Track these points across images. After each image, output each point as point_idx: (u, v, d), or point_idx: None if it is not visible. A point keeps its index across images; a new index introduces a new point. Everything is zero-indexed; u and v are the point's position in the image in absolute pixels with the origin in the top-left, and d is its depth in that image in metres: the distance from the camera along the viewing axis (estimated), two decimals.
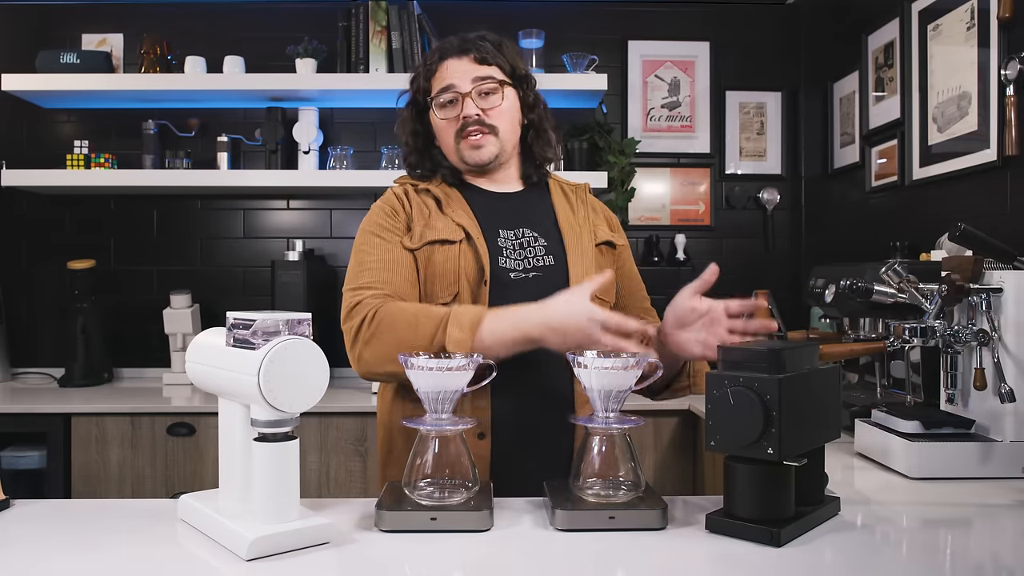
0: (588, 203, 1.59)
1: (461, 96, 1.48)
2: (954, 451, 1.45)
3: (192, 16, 3.17)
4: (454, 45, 1.51)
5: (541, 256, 1.48)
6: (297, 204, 3.21)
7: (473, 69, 1.49)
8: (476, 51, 1.49)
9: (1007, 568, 1.08)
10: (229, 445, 1.16)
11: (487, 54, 1.50)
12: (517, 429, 1.42)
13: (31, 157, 3.08)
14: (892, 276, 1.56)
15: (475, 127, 1.47)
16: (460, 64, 1.49)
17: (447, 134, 1.51)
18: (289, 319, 1.08)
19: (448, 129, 1.50)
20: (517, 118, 1.54)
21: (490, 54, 1.50)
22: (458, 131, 1.49)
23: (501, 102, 1.49)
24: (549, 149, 1.57)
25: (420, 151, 1.56)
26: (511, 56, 1.53)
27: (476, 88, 1.48)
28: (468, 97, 1.47)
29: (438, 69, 1.51)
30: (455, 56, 1.50)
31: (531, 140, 1.56)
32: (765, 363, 1.09)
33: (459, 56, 1.50)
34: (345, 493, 2.51)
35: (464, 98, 1.47)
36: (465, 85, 1.48)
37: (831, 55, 3.04)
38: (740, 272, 3.25)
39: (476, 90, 1.48)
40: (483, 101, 1.48)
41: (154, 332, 3.04)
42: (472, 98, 1.48)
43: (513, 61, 1.53)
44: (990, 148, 2.06)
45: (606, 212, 1.63)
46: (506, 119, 1.50)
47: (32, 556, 1.05)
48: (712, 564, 1.05)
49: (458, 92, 1.48)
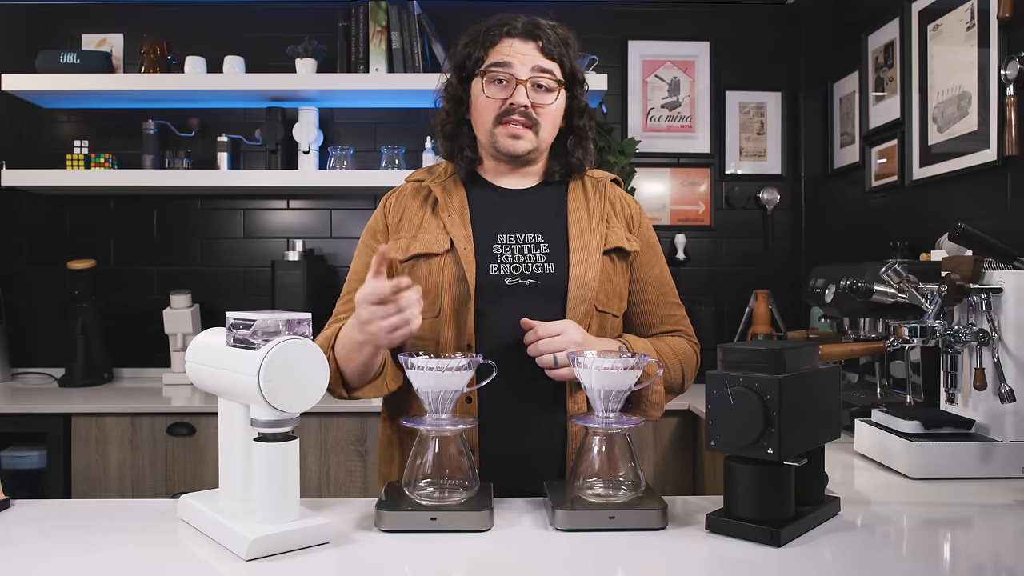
0: (608, 199, 1.51)
1: (516, 80, 1.41)
2: (954, 451, 1.45)
3: (192, 16, 3.17)
4: (523, 26, 1.44)
5: (541, 263, 1.42)
6: (297, 204, 3.21)
7: (536, 58, 1.42)
8: (544, 40, 1.43)
9: (1007, 568, 1.08)
10: (229, 445, 1.16)
11: (554, 47, 1.43)
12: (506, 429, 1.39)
13: (31, 157, 3.08)
14: (892, 276, 1.56)
15: (520, 117, 1.41)
16: (525, 47, 1.42)
17: (487, 113, 1.44)
18: (289, 319, 1.08)
19: (490, 108, 1.43)
20: (559, 121, 1.48)
21: (556, 49, 1.43)
22: (500, 114, 1.42)
23: (553, 101, 1.44)
24: (587, 160, 1.51)
25: (456, 120, 1.49)
26: (573, 57, 1.47)
27: (533, 78, 1.41)
28: (523, 84, 1.41)
29: (499, 43, 1.43)
30: (521, 37, 1.43)
31: (571, 145, 1.49)
32: (765, 363, 1.09)
33: (525, 39, 1.43)
34: (345, 493, 2.51)
35: (519, 84, 1.41)
36: (524, 71, 1.41)
37: (831, 55, 3.04)
38: (740, 272, 3.25)
39: (533, 80, 1.41)
40: (536, 94, 1.42)
41: (154, 332, 3.04)
42: (527, 87, 1.41)
43: (573, 63, 1.47)
44: (990, 148, 2.06)
45: (628, 209, 1.53)
46: (550, 119, 1.45)
47: (32, 556, 1.05)
48: (712, 564, 1.05)
49: (514, 75, 1.41)
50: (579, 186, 1.52)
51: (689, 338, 1.53)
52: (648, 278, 1.52)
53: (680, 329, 1.53)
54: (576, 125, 1.50)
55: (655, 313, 1.52)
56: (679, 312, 1.54)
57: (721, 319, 3.21)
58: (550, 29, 1.45)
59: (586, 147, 1.50)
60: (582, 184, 1.52)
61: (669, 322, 1.52)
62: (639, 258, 1.51)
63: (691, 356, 1.50)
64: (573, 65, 1.47)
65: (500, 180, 1.51)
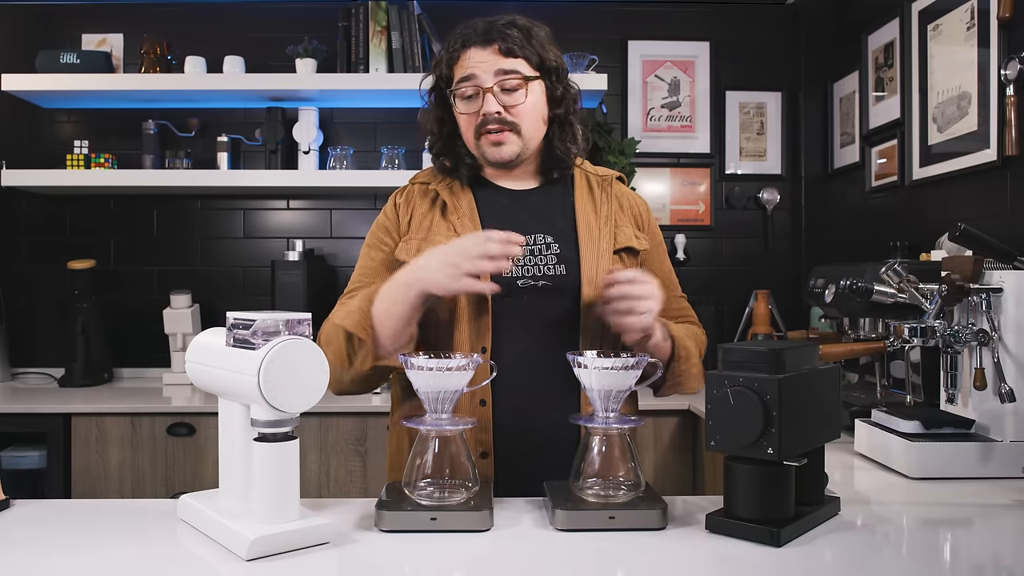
0: (615, 197, 1.50)
1: (482, 90, 1.40)
2: (954, 451, 1.45)
3: (192, 16, 3.17)
4: (478, 32, 1.42)
5: (552, 264, 1.41)
6: (297, 204, 3.21)
7: (497, 61, 1.40)
8: (501, 40, 1.40)
9: (1007, 568, 1.08)
10: (229, 445, 1.16)
11: (514, 44, 1.40)
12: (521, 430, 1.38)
13: (31, 157, 3.08)
14: (892, 276, 1.56)
15: (496, 124, 1.40)
16: (483, 55, 1.40)
17: (468, 128, 1.44)
18: (289, 319, 1.08)
19: (469, 123, 1.43)
20: (542, 114, 1.45)
21: (517, 45, 1.40)
22: (478, 127, 1.42)
23: (525, 99, 1.41)
24: (573, 145, 1.47)
25: (445, 140, 1.49)
26: (540, 46, 1.43)
27: (499, 82, 1.40)
28: (490, 92, 1.39)
29: (460, 57, 1.42)
30: (479, 45, 1.41)
31: (553, 134, 1.47)
32: (765, 363, 1.09)
33: (483, 45, 1.40)
34: (345, 493, 2.51)
35: (485, 93, 1.39)
36: (487, 79, 1.40)
37: (831, 55, 3.04)
38: (740, 272, 3.25)
39: (499, 84, 1.40)
40: (506, 97, 1.40)
41: (154, 332, 3.04)
42: (494, 93, 1.39)
43: (542, 51, 1.43)
44: (990, 148, 2.06)
45: (635, 207, 1.53)
46: (529, 117, 1.42)
47: (32, 556, 1.05)
48: (712, 564, 1.05)
49: (479, 86, 1.40)
50: (584, 185, 1.51)
51: (698, 325, 1.57)
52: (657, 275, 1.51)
53: (688, 317, 1.57)
54: (555, 113, 1.47)
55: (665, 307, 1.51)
56: (684, 303, 1.58)
57: (721, 319, 3.21)
58: (509, 28, 1.41)
59: (570, 132, 1.47)
60: (587, 183, 1.51)
61: (675, 315, 1.55)
62: (649, 256, 1.52)
63: (703, 340, 1.54)
64: (542, 55, 1.43)
65: (504, 182, 1.51)
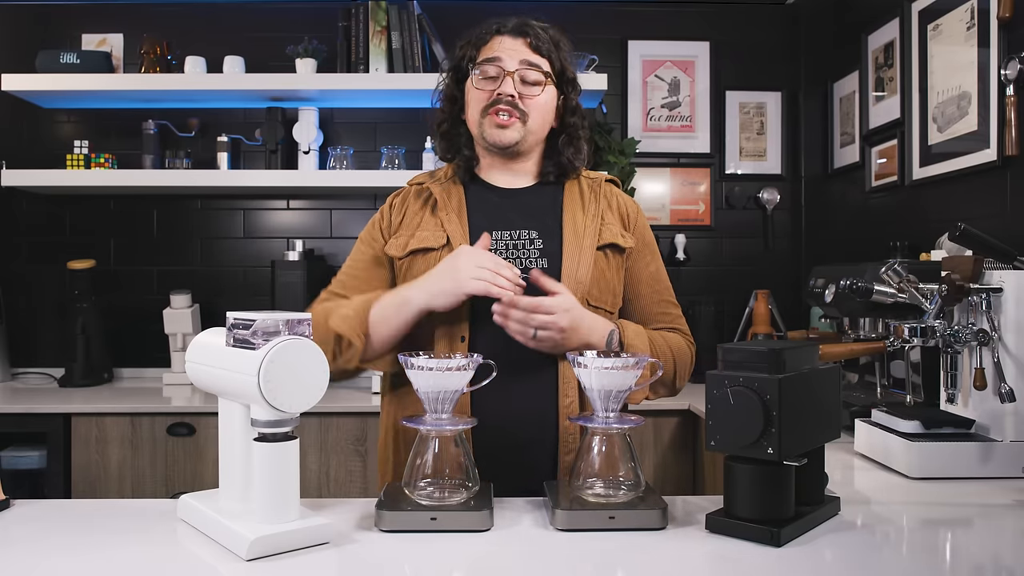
0: (604, 197, 1.53)
1: (504, 73, 1.46)
2: (954, 451, 1.45)
3: (192, 16, 3.17)
4: (513, 24, 1.50)
5: (535, 258, 1.45)
6: (297, 204, 3.21)
7: (524, 52, 1.47)
8: (533, 37, 1.48)
9: (1007, 568, 1.08)
10: (229, 445, 1.16)
11: (542, 44, 1.49)
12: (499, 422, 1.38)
13: (31, 157, 3.08)
14: (892, 276, 1.56)
15: (506, 107, 1.45)
16: (513, 43, 1.48)
17: (477, 105, 1.48)
18: (289, 319, 1.08)
19: (479, 100, 1.48)
20: (550, 117, 1.51)
21: (545, 46, 1.49)
22: (488, 105, 1.46)
23: (540, 93, 1.48)
24: (578, 159, 1.53)
25: (452, 119, 1.54)
26: (564, 56, 1.51)
27: (521, 71, 1.46)
28: (511, 76, 1.46)
29: (490, 41, 1.50)
30: (511, 35, 1.49)
31: (562, 145, 1.52)
32: (765, 363, 1.09)
33: (514, 36, 1.49)
34: (345, 493, 2.51)
35: (507, 76, 1.46)
36: (512, 64, 1.46)
37: (831, 55, 3.04)
38: (740, 272, 3.25)
39: (520, 73, 1.46)
40: (523, 86, 1.47)
41: (154, 332, 3.04)
42: (514, 79, 1.46)
43: (564, 62, 1.51)
44: (990, 148, 2.06)
45: (624, 208, 1.55)
46: (539, 112, 1.48)
47: (32, 556, 1.05)
48: (712, 564, 1.05)
49: (503, 68, 1.46)
50: (575, 186, 1.54)
51: (685, 336, 1.54)
52: (642, 275, 1.53)
53: (676, 327, 1.54)
54: (567, 123, 1.53)
55: (649, 310, 1.53)
56: (674, 311, 1.56)
57: (721, 319, 3.21)
58: (541, 29, 1.50)
59: (578, 146, 1.53)
60: (578, 184, 1.55)
61: (664, 320, 1.53)
62: (633, 255, 1.52)
63: (685, 351, 1.51)
64: (564, 64, 1.51)
65: (497, 179, 1.54)
